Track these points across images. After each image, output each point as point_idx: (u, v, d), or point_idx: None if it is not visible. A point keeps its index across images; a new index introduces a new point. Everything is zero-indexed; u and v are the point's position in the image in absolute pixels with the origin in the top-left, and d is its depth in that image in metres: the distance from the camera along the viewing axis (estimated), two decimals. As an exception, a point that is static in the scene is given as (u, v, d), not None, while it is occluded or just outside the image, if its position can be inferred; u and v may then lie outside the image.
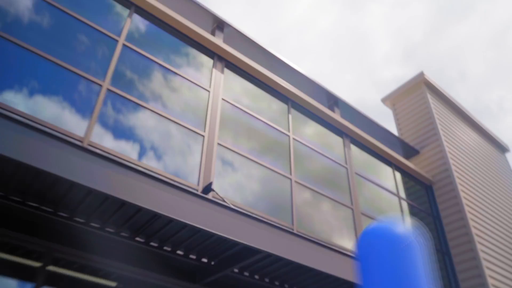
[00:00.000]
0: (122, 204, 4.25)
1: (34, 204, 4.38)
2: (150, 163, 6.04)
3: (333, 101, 10.96)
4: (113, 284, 4.94)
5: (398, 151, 12.77)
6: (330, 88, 10.97)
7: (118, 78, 6.35)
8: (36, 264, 4.50)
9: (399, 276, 2.09)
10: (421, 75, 13.57)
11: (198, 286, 5.47)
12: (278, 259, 5.11)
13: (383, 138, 12.21)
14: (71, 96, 5.66)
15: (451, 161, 11.78)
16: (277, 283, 6.01)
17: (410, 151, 12.71)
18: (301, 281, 5.94)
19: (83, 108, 5.69)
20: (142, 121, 6.31)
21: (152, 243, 5.00)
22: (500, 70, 46.50)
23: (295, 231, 7.25)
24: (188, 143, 6.73)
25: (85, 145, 5.40)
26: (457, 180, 11.36)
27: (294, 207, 7.72)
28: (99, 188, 3.72)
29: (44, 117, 5.25)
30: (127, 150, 5.88)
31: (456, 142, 12.93)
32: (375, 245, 2.22)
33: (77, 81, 5.82)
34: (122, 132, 5.98)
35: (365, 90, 51.04)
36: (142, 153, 6.04)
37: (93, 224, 4.64)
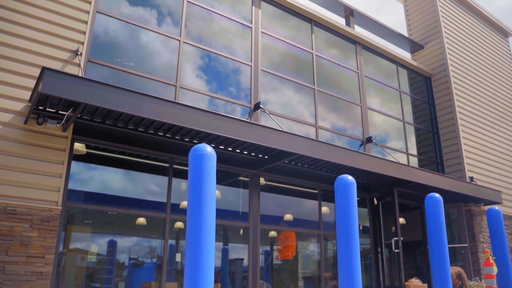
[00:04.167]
0: (209, 134, 7.27)
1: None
2: (222, 93, 8.97)
3: (349, 12, 13.11)
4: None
5: (405, 47, 15.07)
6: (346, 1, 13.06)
7: (188, 33, 8.96)
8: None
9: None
10: (430, -26, 15.15)
11: (257, 171, 8.82)
12: (306, 157, 8.28)
13: (392, 37, 14.46)
14: (158, 53, 8.42)
15: (448, 55, 14.12)
16: (306, 166, 9.31)
17: (415, 47, 15.01)
18: (320, 165, 9.22)
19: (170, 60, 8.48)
20: (211, 64, 9.08)
21: (230, 149, 8.19)
22: None
23: (317, 128, 10.33)
24: (240, 73, 9.53)
25: (178, 87, 8.32)
26: (451, 73, 13.86)
27: (317, 111, 10.68)
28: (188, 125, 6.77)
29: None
30: (202, 87, 8.79)
31: (458, 36, 15.03)
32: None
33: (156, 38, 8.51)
34: (199, 75, 8.83)
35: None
36: (213, 88, 8.97)
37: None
